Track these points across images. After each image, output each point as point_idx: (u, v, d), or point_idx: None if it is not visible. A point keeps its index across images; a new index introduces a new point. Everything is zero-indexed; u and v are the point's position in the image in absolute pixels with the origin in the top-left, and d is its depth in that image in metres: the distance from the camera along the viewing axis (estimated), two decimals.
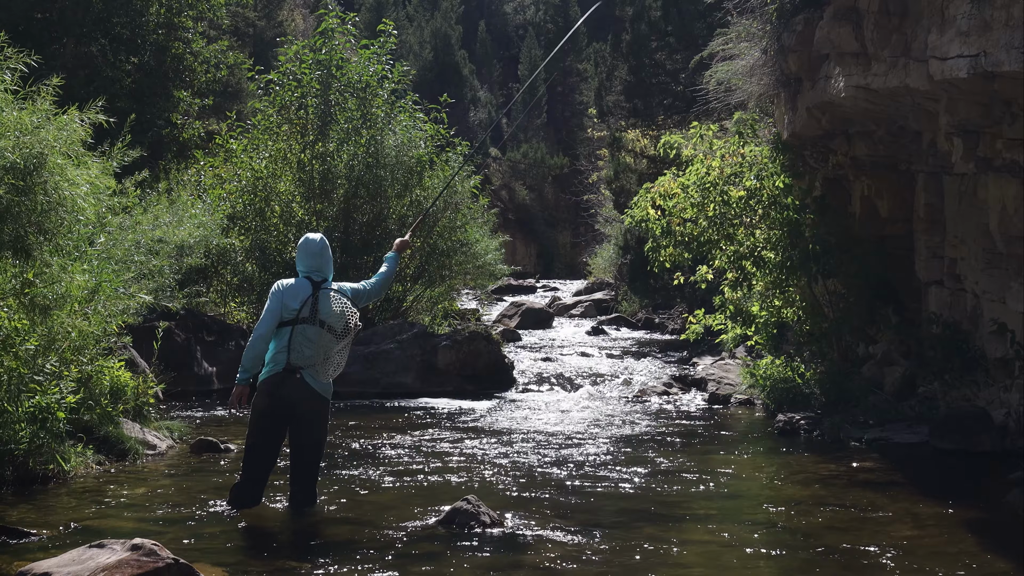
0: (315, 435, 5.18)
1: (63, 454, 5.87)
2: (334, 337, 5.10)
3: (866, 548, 4.74)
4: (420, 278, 12.80)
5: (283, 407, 5.07)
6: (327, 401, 5.20)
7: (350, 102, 12.28)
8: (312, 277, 5.18)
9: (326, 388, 5.16)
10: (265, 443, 5.13)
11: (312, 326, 5.05)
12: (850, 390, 8.73)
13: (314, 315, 5.05)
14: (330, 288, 5.17)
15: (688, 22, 22.69)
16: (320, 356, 5.06)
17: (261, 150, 12.29)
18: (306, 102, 12.28)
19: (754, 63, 9.74)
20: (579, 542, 4.79)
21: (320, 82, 12.28)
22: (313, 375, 5.07)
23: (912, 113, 7.89)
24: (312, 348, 5.04)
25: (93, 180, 6.77)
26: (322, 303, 5.08)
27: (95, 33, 12.85)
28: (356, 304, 5.28)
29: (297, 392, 5.05)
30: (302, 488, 5.22)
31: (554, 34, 46.43)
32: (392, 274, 5.60)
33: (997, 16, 5.96)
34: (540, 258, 40.32)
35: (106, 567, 3.62)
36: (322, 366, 5.08)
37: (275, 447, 5.17)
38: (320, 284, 5.15)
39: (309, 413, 5.11)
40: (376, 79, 12.45)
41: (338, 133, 12.17)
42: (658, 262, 9.98)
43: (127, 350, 7.58)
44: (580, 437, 7.88)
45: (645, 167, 21.63)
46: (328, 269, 5.25)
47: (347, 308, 5.14)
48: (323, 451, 5.31)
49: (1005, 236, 7.19)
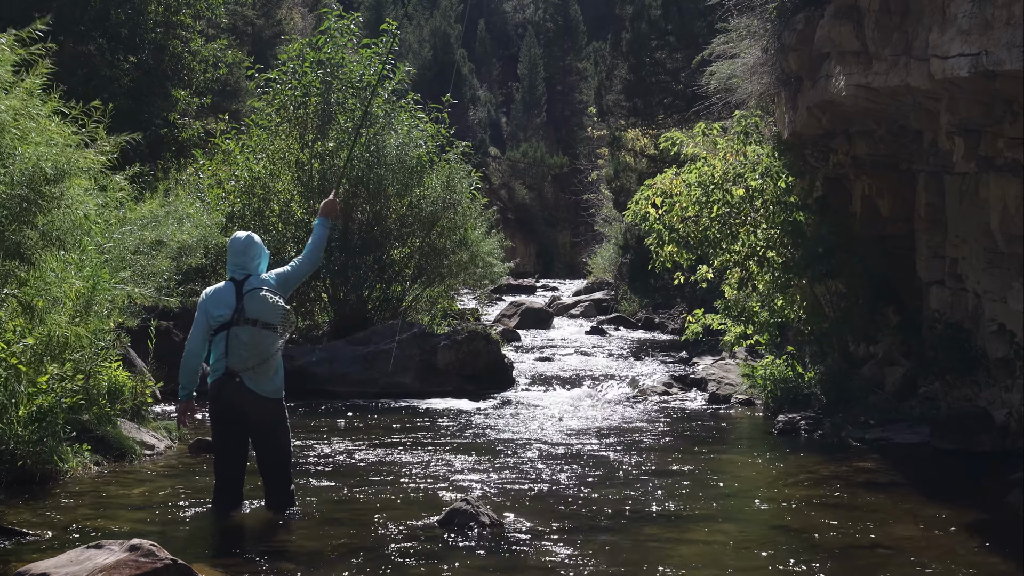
0: (271, 439, 5.08)
1: (61, 454, 5.85)
2: (272, 332, 4.97)
3: (867, 548, 4.73)
4: (419, 278, 12.77)
5: (229, 411, 5.02)
6: (277, 401, 5.08)
7: (350, 101, 12.26)
8: (236, 276, 5.07)
9: (272, 390, 5.03)
10: (223, 447, 5.10)
11: (243, 327, 4.93)
12: (851, 390, 8.70)
13: (242, 315, 4.94)
14: (255, 285, 5.02)
15: (688, 21, 22.68)
16: (255, 358, 4.92)
17: (258, 150, 12.24)
18: (307, 101, 12.24)
19: (754, 62, 9.72)
20: (579, 543, 4.77)
21: (322, 81, 12.25)
22: (253, 378, 4.96)
23: (913, 112, 7.86)
24: (247, 350, 4.92)
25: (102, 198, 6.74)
26: (247, 302, 4.95)
27: (93, 32, 12.82)
28: (288, 286, 5.13)
29: (239, 397, 4.97)
30: (273, 493, 5.15)
31: (553, 32, 46.41)
32: (321, 242, 5.30)
33: (998, 15, 5.93)
34: (540, 258, 40.32)
35: (104, 568, 3.61)
36: (262, 368, 4.95)
37: (237, 450, 5.10)
38: (243, 282, 5.02)
39: (258, 417, 5.03)
40: (376, 79, 12.42)
41: (338, 132, 12.14)
42: (659, 261, 9.94)
43: (125, 349, 7.55)
44: (580, 437, 7.85)
45: (645, 166, 21.61)
46: (254, 264, 5.10)
47: (277, 299, 4.99)
48: (288, 452, 5.18)
49: (1006, 235, 7.17)
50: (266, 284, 5.05)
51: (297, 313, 12.35)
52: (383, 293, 12.44)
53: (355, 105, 12.23)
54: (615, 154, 23.51)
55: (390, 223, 12.34)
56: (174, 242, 8.43)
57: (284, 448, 5.15)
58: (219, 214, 11.10)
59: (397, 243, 12.47)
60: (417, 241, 12.51)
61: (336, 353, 10.93)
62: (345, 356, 10.87)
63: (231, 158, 12.29)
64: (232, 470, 5.13)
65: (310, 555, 4.52)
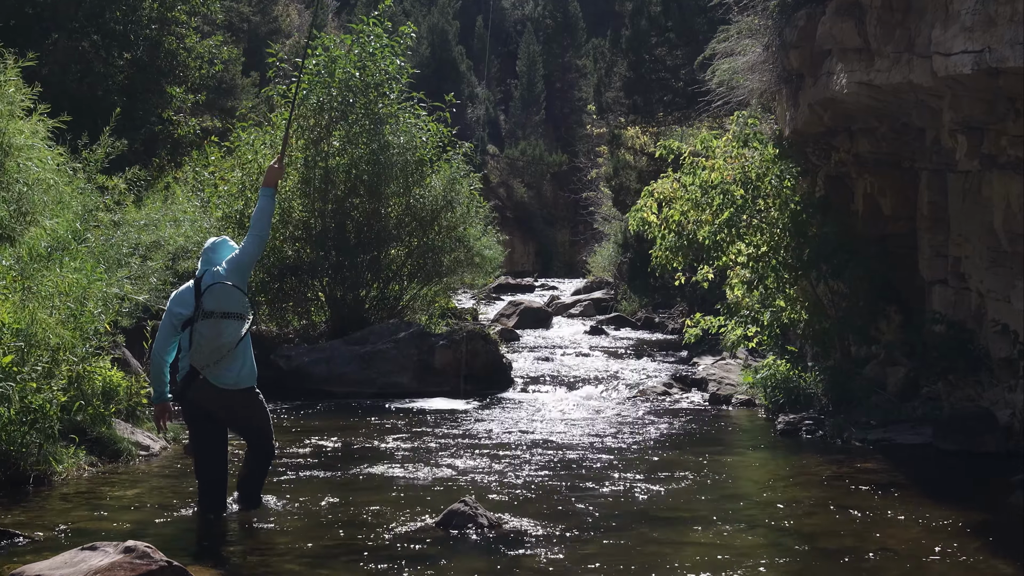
0: (244, 426, 5.07)
1: (55, 455, 5.80)
2: (233, 320, 4.93)
3: (868, 550, 4.70)
4: (416, 276, 12.71)
5: (195, 409, 5.00)
6: (242, 392, 4.99)
7: (359, 102, 12.13)
8: (196, 274, 5.07)
9: (231, 381, 4.95)
10: (199, 447, 5.09)
11: (203, 321, 4.91)
12: (852, 390, 8.65)
13: (200, 310, 4.92)
14: (209, 280, 4.96)
15: (688, 17, 22.60)
16: (218, 352, 4.88)
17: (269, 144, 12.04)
18: (330, 101, 12.01)
19: (755, 59, 9.66)
20: (578, 544, 4.74)
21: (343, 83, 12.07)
22: (213, 372, 4.92)
23: (915, 110, 7.81)
24: (209, 343, 4.90)
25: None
26: (205, 297, 4.93)
27: (87, 28, 12.75)
28: (242, 269, 5.03)
29: (202, 394, 4.95)
30: (243, 486, 5.14)
31: (553, 29, 46.32)
32: (263, 213, 5.12)
33: (1002, 11, 5.88)
34: (539, 257, 40.28)
35: (99, 570, 3.61)
36: (228, 358, 4.90)
37: (213, 450, 5.06)
38: (201, 277, 4.99)
39: (224, 411, 4.99)
40: (386, 79, 12.31)
41: (343, 131, 12.04)
42: (661, 266, 9.87)
43: (119, 350, 7.50)
44: (579, 438, 7.81)
45: (645, 164, 21.54)
46: (217, 258, 5.06)
47: (229, 285, 4.94)
48: (268, 445, 5.13)
49: (1010, 234, 7.13)
50: (218, 275, 5.00)
51: (294, 312, 12.30)
52: (380, 292, 12.38)
53: (362, 105, 12.08)
54: (614, 152, 23.44)
55: (389, 222, 12.27)
56: (171, 244, 8.39)
57: (263, 439, 5.10)
58: (218, 212, 11.03)
59: (395, 242, 12.40)
60: (415, 240, 12.44)
61: (333, 353, 10.88)
62: (342, 356, 10.81)
63: (239, 150, 12.09)
64: (211, 471, 5.08)
65: (306, 556, 4.49)
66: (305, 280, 12.15)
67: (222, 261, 5.07)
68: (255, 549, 4.64)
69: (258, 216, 5.14)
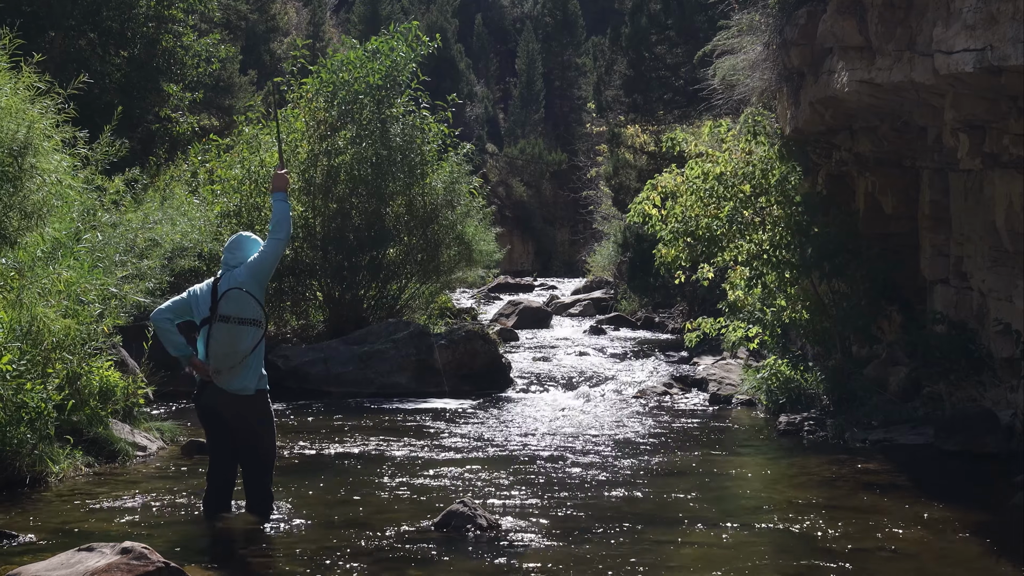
0: (249, 437, 5.00)
1: (51, 456, 5.78)
2: (249, 327, 4.88)
3: (870, 551, 4.69)
4: (415, 274, 12.68)
5: (207, 413, 4.99)
6: (253, 398, 4.95)
7: (368, 106, 12.07)
8: (216, 275, 5.03)
9: (240, 387, 4.91)
10: (211, 449, 5.10)
11: (218, 324, 4.86)
12: (853, 391, 8.62)
13: (216, 313, 4.86)
14: (227, 284, 4.90)
15: (688, 15, 22.57)
16: (233, 357, 4.84)
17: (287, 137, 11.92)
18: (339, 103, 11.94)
19: (756, 57, 9.63)
20: (577, 544, 4.72)
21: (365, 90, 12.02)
22: (227, 380, 4.88)
23: (917, 108, 7.78)
24: (224, 347, 4.85)
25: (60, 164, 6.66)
26: (222, 302, 4.88)
27: (84, 26, 12.71)
28: (261, 274, 4.96)
29: (214, 399, 4.93)
30: (252, 496, 5.08)
31: (552, 27, 46.27)
32: (282, 217, 5.06)
33: (1004, 9, 5.84)
34: (538, 256, 40.23)
35: (96, 571, 3.61)
36: (240, 366, 4.86)
37: (222, 453, 5.04)
38: (219, 281, 4.93)
39: (234, 415, 4.95)
40: (394, 82, 12.28)
41: (350, 131, 12.00)
42: (662, 265, 9.83)
43: (117, 350, 7.46)
44: (578, 438, 7.78)
45: (645, 163, 21.48)
46: (239, 256, 5.00)
47: (246, 293, 4.88)
48: (270, 452, 5.07)
49: (1012, 233, 7.10)
50: (236, 280, 4.94)
51: (292, 312, 12.26)
52: (379, 292, 12.34)
53: (373, 107, 12.03)
54: (614, 151, 23.37)
55: (388, 222, 12.23)
56: (168, 243, 8.35)
57: (264, 447, 5.04)
58: (216, 208, 10.98)
59: (394, 241, 12.37)
60: (414, 239, 12.41)
61: (332, 353, 10.84)
62: (341, 356, 10.78)
63: (242, 147, 12.02)
64: (220, 474, 5.08)
65: (304, 557, 4.47)
66: (303, 280, 12.12)
67: (244, 261, 5.00)
68: (252, 550, 4.64)
69: (277, 220, 5.10)
